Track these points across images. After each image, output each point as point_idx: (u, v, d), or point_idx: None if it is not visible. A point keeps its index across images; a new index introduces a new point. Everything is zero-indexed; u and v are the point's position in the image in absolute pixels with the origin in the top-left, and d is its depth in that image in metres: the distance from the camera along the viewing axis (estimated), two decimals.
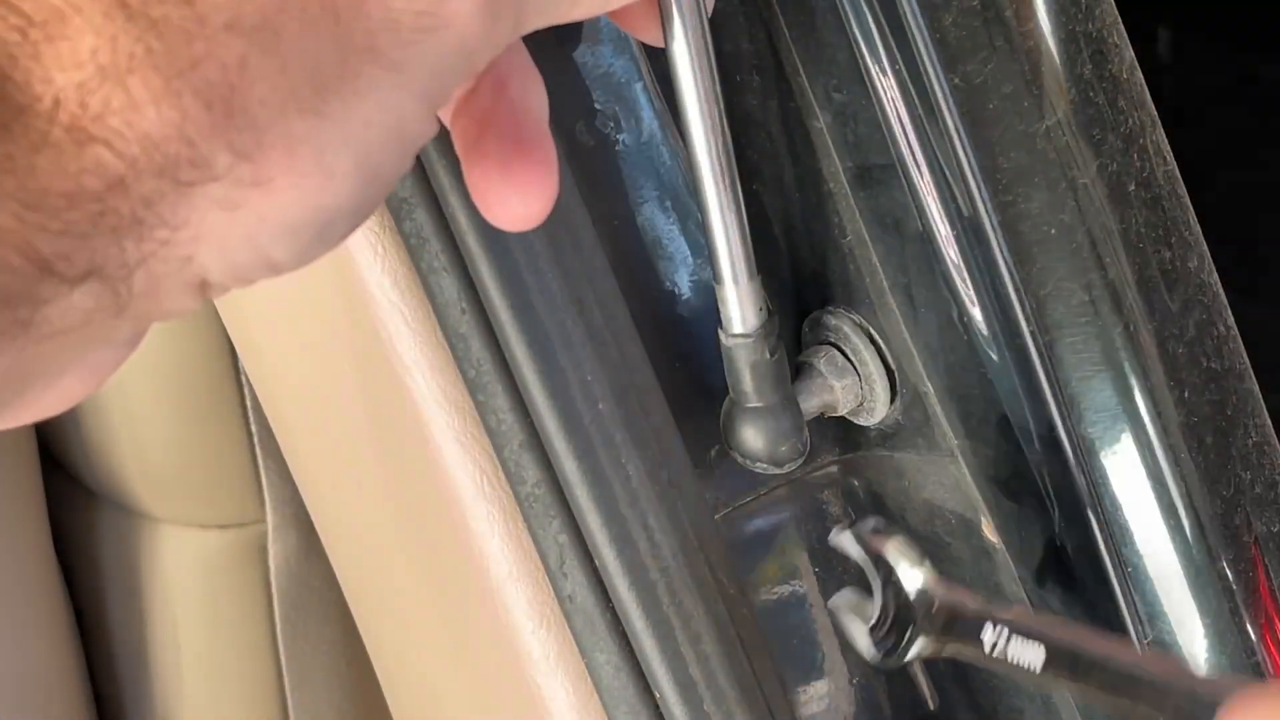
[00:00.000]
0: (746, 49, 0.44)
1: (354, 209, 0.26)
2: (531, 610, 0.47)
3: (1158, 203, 0.42)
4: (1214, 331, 0.44)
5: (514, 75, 0.33)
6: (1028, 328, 0.42)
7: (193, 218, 0.24)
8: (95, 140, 0.23)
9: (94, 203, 0.23)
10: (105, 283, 0.24)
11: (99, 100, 0.23)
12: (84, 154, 0.23)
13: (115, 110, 0.23)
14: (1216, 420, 0.44)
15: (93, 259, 0.23)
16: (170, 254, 0.24)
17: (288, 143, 0.24)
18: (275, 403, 0.61)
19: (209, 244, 0.24)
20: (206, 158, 0.24)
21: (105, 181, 0.23)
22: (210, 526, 0.83)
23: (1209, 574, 0.44)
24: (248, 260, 0.25)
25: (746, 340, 0.42)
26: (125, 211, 0.23)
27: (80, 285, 0.24)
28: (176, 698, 0.88)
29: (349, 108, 0.25)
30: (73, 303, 0.24)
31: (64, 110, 0.23)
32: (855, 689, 0.50)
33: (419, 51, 0.26)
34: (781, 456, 0.44)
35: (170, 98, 0.23)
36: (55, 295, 0.23)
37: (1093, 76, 0.41)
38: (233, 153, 0.24)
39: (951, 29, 0.39)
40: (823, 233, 0.45)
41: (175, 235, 0.24)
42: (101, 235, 0.23)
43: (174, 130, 0.23)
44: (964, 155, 0.41)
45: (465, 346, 0.45)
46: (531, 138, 0.32)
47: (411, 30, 0.25)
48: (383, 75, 0.25)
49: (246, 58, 0.24)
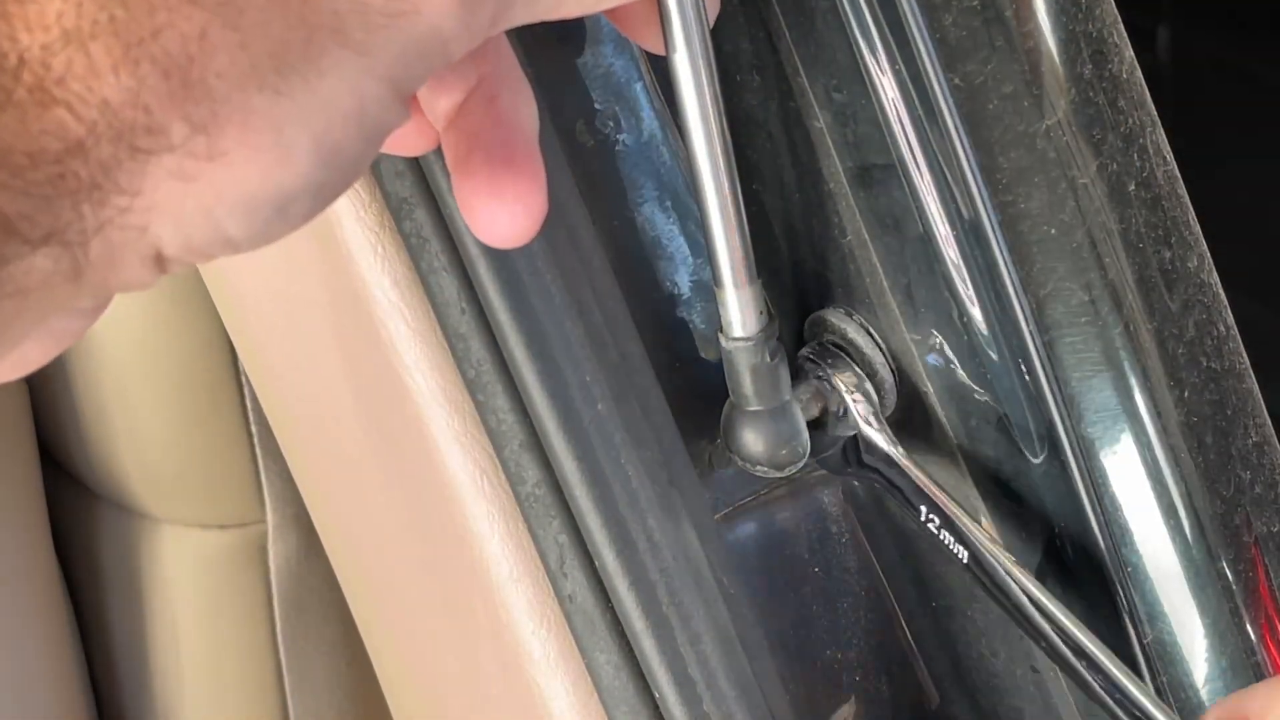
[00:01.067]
0: (746, 49, 0.44)
1: (313, 189, 0.26)
2: (532, 610, 0.47)
3: (1158, 203, 0.42)
4: (1214, 331, 0.44)
5: (504, 89, 0.33)
6: (1027, 327, 0.42)
7: (146, 186, 0.24)
8: (57, 102, 0.23)
9: (54, 164, 0.23)
10: (64, 247, 0.24)
11: (61, 63, 0.23)
12: (46, 115, 0.23)
13: (77, 74, 0.23)
14: (1216, 420, 0.44)
15: (54, 222, 0.24)
16: (127, 222, 0.25)
17: (244, 117, 0.24)
18: (275, 403, 0.61)
19: (164, 215, 0.25)
20: (162, 126, 0.24)
21: (65, 144, 0.23)
22: (210, 527, 0.83)
23: (1209, 574, 0.44)
24: (203, 234, 0.25)
25: (747, 344, 0.42)
26: (84, 176, 0.24)
27: (41, 248, 0.24)
28: (176, 698, 0.88)
29: (310, 86, 0.25)
30: (34, 264, 0.24)
31: (28, 70, 0.23)
32: (855, 689, 0.50)
33: (387, 36, 0.26)
34: (782, 460, 0.44)
35: (129, 64, 0.23)
36: (16, 255, 0.24)
37: (1093, 76, 0.41)
38: (189, 124, 0.24)
39: (951, 29, 0.39)
40: (823, 232, 0.45)
41: (132, 203, 0.24)
42: (61, 199, 0.24)
43: (131, 97, 0.24)
44: (964, 155, 0.41)
45: (465, 346, 0.45)
46: (520, 155, 0.33)
47: (381, 14, 0.25)
48: (348, 57, 0.25)
49: (207, 30, 0.24)
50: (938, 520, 0.43)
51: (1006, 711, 0.50)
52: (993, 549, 0.42)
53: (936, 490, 0.44)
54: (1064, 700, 0.48)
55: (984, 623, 0.48)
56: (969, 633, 0.49)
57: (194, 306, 0.77)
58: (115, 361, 0.79)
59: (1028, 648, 0.48)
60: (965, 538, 0.42)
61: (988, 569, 0.42)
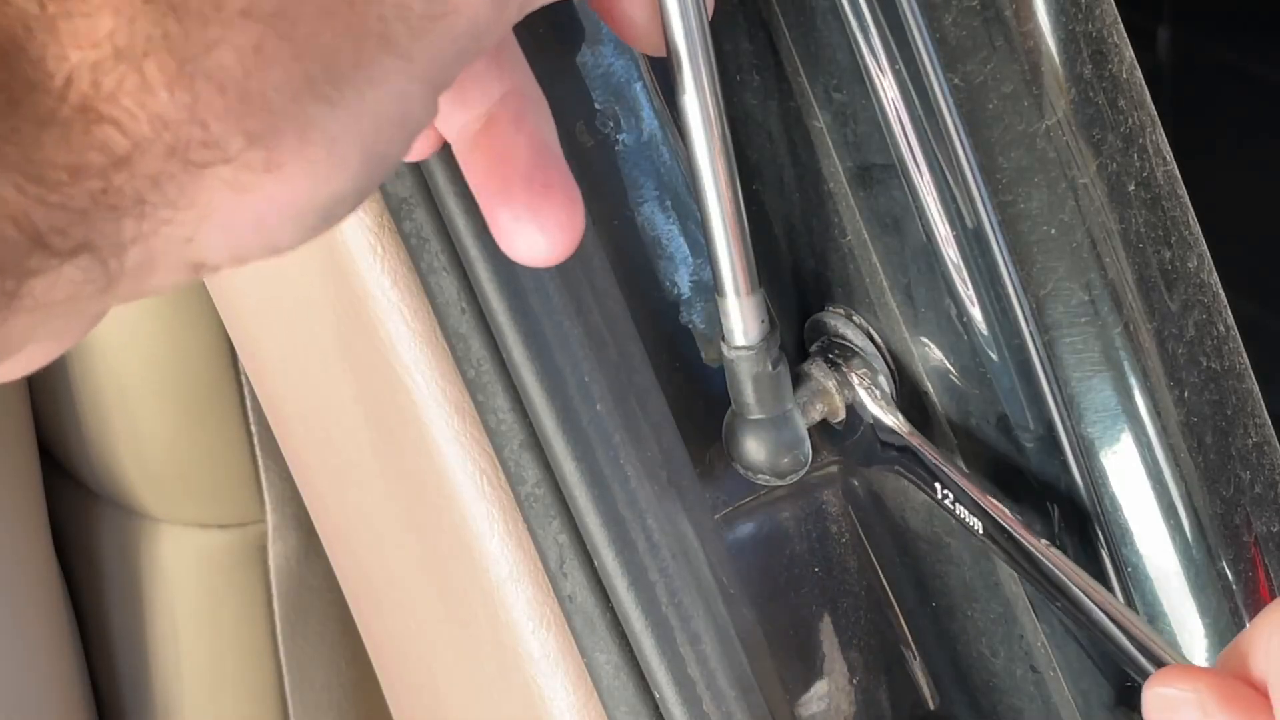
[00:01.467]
0: (746, 49, 0.44)
1: (357, 192, 0.26)
2: (531, 610, 0.47)
3: (1157, 203, 0.42)
4: (1214, 331, 0.44)
5: (530, 107, 0.33)
6: (1027, 327, 0.42)
7: (200, 198, 0.24)
8: (105, 120, 0.23)
9: (97, 179, 0.23)
10: (97, 258, 0.24)
11: (112, 81, 0.23)
12: (92, 132, 0.23)
13: (128, 91, 0.23)
14: (1216, 420, 0.44)
15: (88, 234, 0.24)
16: (172, 233, 0.24)
17: (301, 128, 0.24)
18: (274, 402, 0.61)
19: (214, 225, 0.25)
20: (219, 140, 0.24)
21: (111, 159, 0.23)
22: (210, 526, 0.83)
23: (1209, 574, 0.44)
24: (251, 243, 0.25)
25: (748, 353, 0.42)
26: (129, 189, 0.24)
27: (71, 259, 0.24)
28: (176, 697, 0.88)
29: (361, 95, 0.25)
30: (61, 275, 0.24)
31: (75, 89, 0.23)
32: (855, 689, 0.50)
33: (430, 39, 0.26)
34: (784, 469, 0.44)
35: (184, 80, 0.23)
36: (43, 268, 0.23)
37: (1092, 76, 0.41)
38: (246, 136, 0.24)
39: (951, 29, 0.39)
40: (823, 233, 0.45)
41: (179, 215, 0.24)
42: (100, 211, 0.23)
43: (186, 113, 0.23)
44: (964, 155, 0.41)
45: (465, 346, 0.45)
46: (556, 176, 0.32)
47: (422, 18, 0.25)
48: (394, 63, 0.25)
49: (262, 43, 0.24)
50: (952, 495, 0.44)
51: (1006, 711, 0.50)
52: (1009, 518, 0.42)
53: (949, 467, 0.44)
54: (1064, 700, 0.48)
55: (983, 622, 0.48)
56: (968, 632, 0.49)
57: (194, 307, 0.77)
58: (115, 361, 0.79)
59: (1027, 647, 0.48)
60: (980, 509, 0.43)
61: (1002, 540, 0.43)
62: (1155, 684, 0.34)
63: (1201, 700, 0.33)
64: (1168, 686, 0.33)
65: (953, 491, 0.44)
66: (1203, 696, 0.33)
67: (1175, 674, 0.33)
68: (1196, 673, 0.33)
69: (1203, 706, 0.33)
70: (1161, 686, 0.33)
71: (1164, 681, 0.34)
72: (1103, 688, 0.47)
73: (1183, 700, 0.33)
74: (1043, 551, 0.42)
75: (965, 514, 0.43)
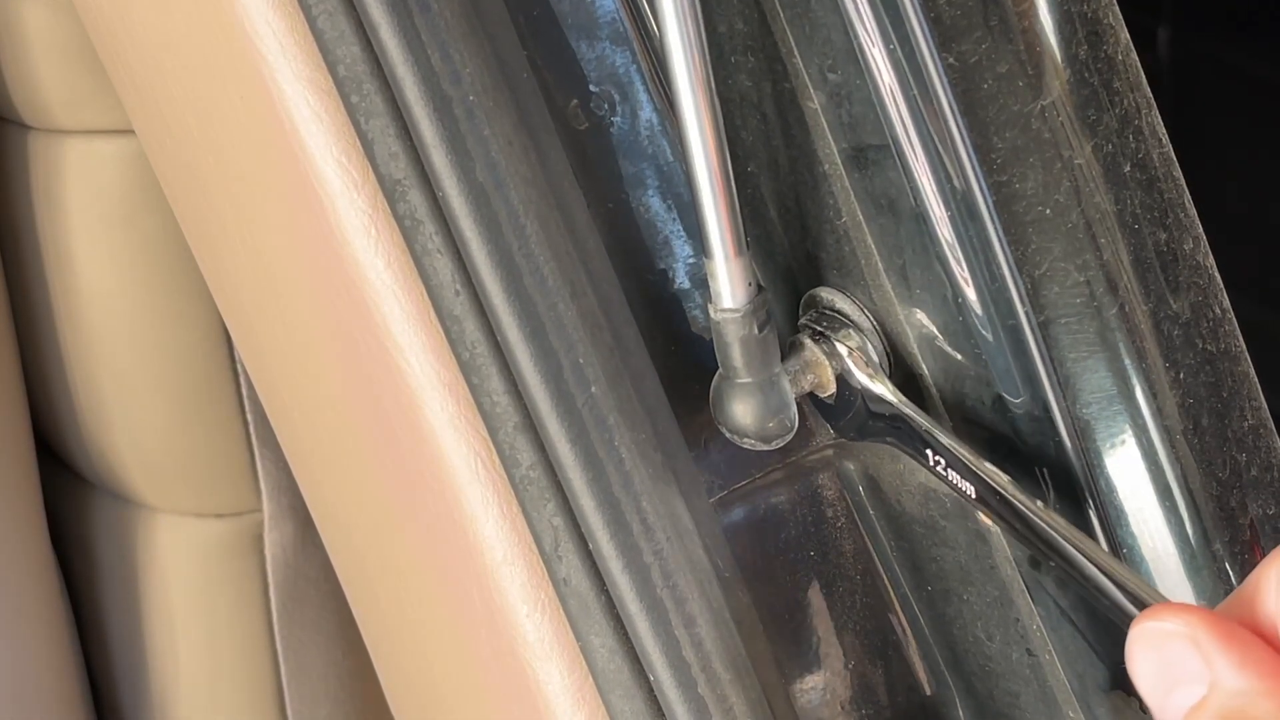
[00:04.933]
0: (740, 29, 0.44)
1: None
2: (526, 594, 0.47)
3: (1153, 184, 0.42)
4: (1210, 313, 0.44)
5: None
6: (1023, 309, 0.42)
7: None
8: None
9: None
10: None
11: None
12: None
13: None
14: (1212, 402, 0.44)
15: None
16: None
17: None
18: (270, 390, 0.61)
19: None
20: None
21: None
22: (206, 515, 0.83)
23: (1204, 556, 0.44)
24: None
25: (735, 315, 0.42)
26: None
27: None
28: (173, 687, 0.88)
29: None
30: None
31: None
32: (850, 673, 0.50)
33: None
34: (769, 433, 0.44)
35: None
36: None
37: (1088, 57, 0.41)
38: None
39: (946, 8, 0.39)
40: (817, 214, 0.45)
41: None
42: None
43: None
44: (959, 135, 0.41)
45: (460, 329, 0.45)
46: None
47: None
48: None
49: None
50: (944, 461, 0.43)
51: (1001, 695, 0.49)
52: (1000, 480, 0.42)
53: (940, 431, 0.44)
54: (1060, 684, 0.48)
55: (979, 606, 0.48)
56: (964, 616, 0.49)
57: (189, 295, 0.77)
58: (111, 350, 0.79)
59: (1023, 630, 0.48)
60: (972, 473, 0.43)
61: (994, 503, 0.42)
62: (1145, 617, 0.30)
63: (1195, 635, 0.29)
64: (1159, 620, 0.30)
65: (944, 457, 0.43)
66: (1197, 632, 0.29)
67: (1169, 608, 0.30)
68: (1193, 609, 0.30)
69: (1196, 641, 0.29)
70: (1152, 620, 0.30)
71: (1155, 615, 0.30)
72: (1099, 671, 0.47)
73: (1174, 634, 0.29)
74: (1037, 511, 0.41)
75: (957, 479, 0.43)
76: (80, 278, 0.77)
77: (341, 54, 0.44)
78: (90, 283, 0.77)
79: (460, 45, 0.43)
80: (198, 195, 0.57)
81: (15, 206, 0.79)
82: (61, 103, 0.74)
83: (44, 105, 0.74)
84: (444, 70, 0.42)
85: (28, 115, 0.76)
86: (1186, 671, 0.29)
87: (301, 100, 0.46)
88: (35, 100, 0.74)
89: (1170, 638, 0.29)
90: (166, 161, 0.59)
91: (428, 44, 0.42)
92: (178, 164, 0.58)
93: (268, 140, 0.48)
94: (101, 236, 0.76)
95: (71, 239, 0.76)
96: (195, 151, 0.55)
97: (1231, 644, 0.28)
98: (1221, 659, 0.28)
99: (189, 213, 0.60)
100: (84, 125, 0.74)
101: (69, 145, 0.75)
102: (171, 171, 0.60)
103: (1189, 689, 0.29)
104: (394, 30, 0.42)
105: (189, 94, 0.53)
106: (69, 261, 0.77)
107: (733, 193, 0.39)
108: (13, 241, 0.80)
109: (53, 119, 0.75)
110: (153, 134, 0.59)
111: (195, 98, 0.52)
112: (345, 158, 0.46)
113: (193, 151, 0.55)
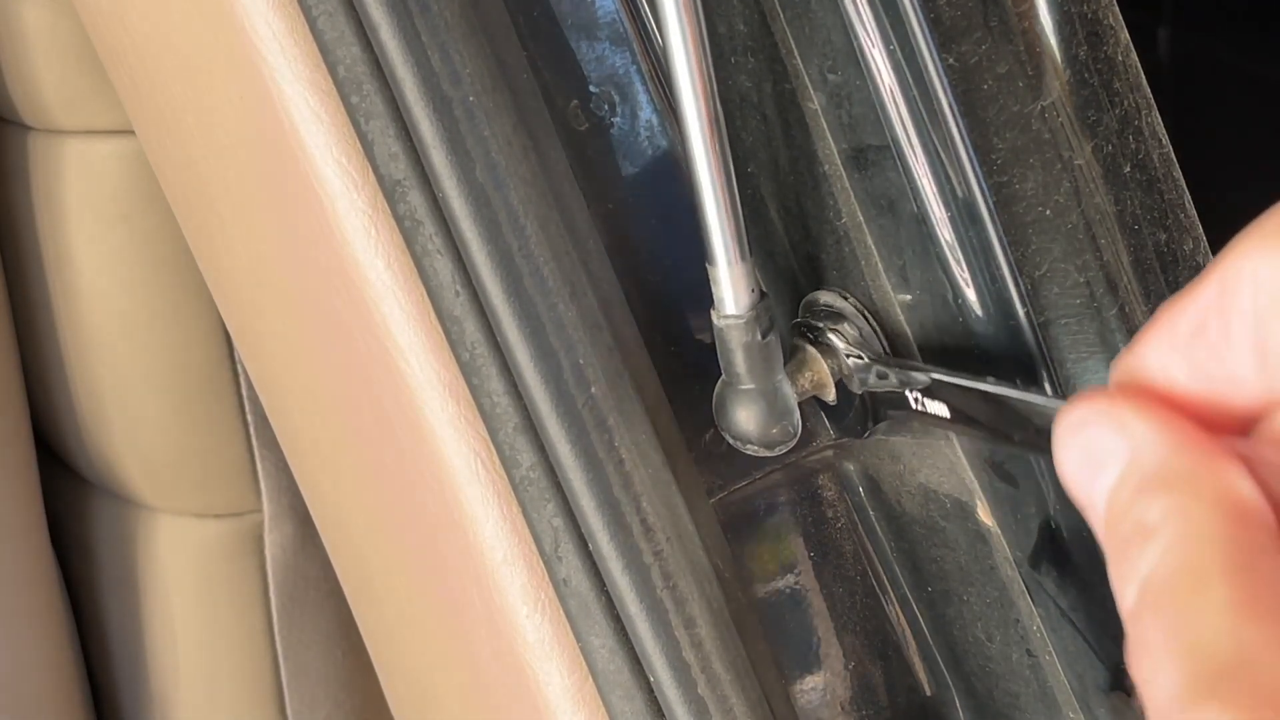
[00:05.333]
0: (741, 30, 0.44)
1: None
2: (526, 594, 0.47)
3: (1153, 185, 0.42)
4: None
5: None
6: (1023, 309, 0.42)
7: None
8: None
9: None
10: None
11: None
12: None
13: None
14: None
15: None
16: None
17: None
18: (270, 390, 0.61)
19: None
20: None
21: None
22: (206, 516, 0.83)
23: None
24: None
25: (738, 321, 0.42)
26: None
27: None
28: (172, 687, 0.88)
29: None
30: None
31: None
32: (850, 673, 0.50)
33: None
34: (773, 439, 0.44)
35: None
36: None
37: (1088, 58, 0.41)
38: None
39: (946, 9, 0.39)
40: (818, 215, 0.45)
41: None
42: None
43: None
44: (959, 136, 0.41)
45: (460, 329, 0.45)
46: None
47: None
48: None
49: None
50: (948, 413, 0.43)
51: (1001, 695, 0.49)
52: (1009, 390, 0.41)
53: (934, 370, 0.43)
54: (1060, 684, 0.48)
55: (979, 606, 0.48)
56: (964, 617, 0.49)
57: (189, 296, 0.77)
58: (111, 351, 0.79)
59: (1023, 631, 0.48)
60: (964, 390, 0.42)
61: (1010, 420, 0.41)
62: (1066, 409, 0.27)
63: (1113, 411, 0.26)
64: (1079, 406, 0.27)
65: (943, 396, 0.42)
66: (1115, 408, 0.26)
67: (1089, 394, 0.27)
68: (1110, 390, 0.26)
69: (1113, 417, 0.26)
70: (1074, 409, 0.27)
71: (1076, 403, 0.27)
72: (1099, 671, 0.47)
73: (1092, 416, 0.27)
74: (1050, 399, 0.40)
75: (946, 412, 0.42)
76: (80, 277, 0.77)
77: (341, 55, 0.44)
78: (90, 282, 0.77)
79: (460, 46, 0.43)
80: (197, 195, 0.57)
81: (15, 206, 0.79)
82: (61, 103, 0.74)
83: (44, 105, 0.74)
84: (444, 71, 0.42)
85: (28, 115, 0.76)
86: (1107, 451, 0.27)
87: (301, 101, 0.46)
88: (35, 100, 0.74)
89: (1088, 422, 0.27)
90: (166, 161, 0.59)
91: (428, 45, 0.42)
92: (178, 164, 0.58)
93: (267, 140, 0.48)
94: (101, 236, 0.76)
95: (71, 239, 0.76)
96: (195, 151, 0.55)
97: (1149, 412, 0.26)
98: (1140, 428, 0.27)
99: (189, 213, 0.60)
100: (83, 125, 0.74)
101: (68, 145, 0.75)
102: (171, 171, 0.60)
103: (1113, 470, 0.27)
104: (394, 31, 0.42)
105: (189, 94, 0.53)
106: (69, 261, 0.77)
107: (736, 200, 0.38)
108: (13, 241, 0.80)
109: (52, 119, 0.75)
110: (153, 134, 0.59)
111: (195, 98, 0.52)
112: (345, 158, 0.46)
113: (193, 151, 0.55)
